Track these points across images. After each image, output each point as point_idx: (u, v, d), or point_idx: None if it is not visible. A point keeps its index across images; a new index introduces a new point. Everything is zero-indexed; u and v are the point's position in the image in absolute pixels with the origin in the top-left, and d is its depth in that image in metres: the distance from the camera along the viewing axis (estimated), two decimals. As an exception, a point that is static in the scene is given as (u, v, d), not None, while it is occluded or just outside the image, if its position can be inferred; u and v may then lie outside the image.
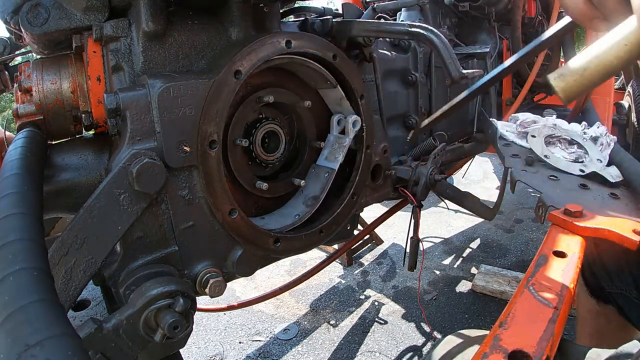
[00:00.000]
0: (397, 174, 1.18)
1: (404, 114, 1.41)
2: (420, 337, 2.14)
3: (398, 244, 3.06)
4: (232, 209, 0.83)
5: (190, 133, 0.77)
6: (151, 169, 0.70)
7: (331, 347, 2.12)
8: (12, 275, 0.43)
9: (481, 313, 2.28)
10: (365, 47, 1.10)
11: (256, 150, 0.97)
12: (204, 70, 0.84)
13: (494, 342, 0.81)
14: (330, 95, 1.05)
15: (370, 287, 2.61)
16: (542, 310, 0.92)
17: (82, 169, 0.83)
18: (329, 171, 1.04)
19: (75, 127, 0.87)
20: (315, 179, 1.06)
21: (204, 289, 0.81)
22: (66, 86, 0.83)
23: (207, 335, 2.26)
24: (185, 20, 0.84)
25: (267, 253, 0.92)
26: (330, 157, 1.06)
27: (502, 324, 0.87)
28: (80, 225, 0.68)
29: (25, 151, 0.68)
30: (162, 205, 0.77)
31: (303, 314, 2.39)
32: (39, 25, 0.77)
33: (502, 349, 0.79)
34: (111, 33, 0.78)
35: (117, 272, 0.75)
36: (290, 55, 0.91)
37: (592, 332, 1.36)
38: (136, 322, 0.66)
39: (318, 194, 1.02)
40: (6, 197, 0.55)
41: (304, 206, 1.02)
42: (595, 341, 1.31)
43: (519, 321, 0.87)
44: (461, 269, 2.72)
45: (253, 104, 0.95)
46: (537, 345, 0.80)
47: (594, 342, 1.30)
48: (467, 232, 3.14)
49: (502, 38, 1.95)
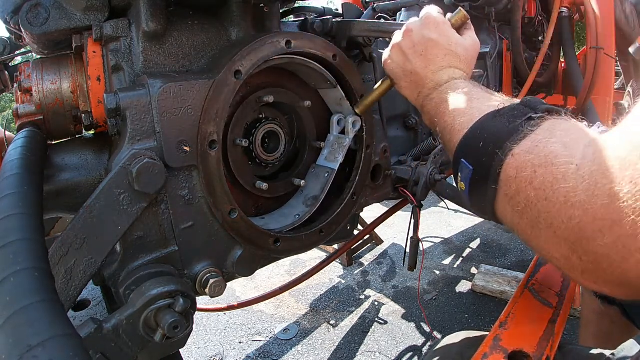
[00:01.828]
0: (397, 174, 1.18)
1: (404, 114, 1.41)
2: (420, 337, 2.14)
3: (398, 244, 3.06)
4: (232, 209, 0.83)
5: (190, 133, 0.77)
6: (151, 169, 0.70)
7: (331, 347, 2.12)
8: (13, 276, 0.43)
9: (481, 313, 2.28)
10: (365, 47, 1.10)
11: (256, 150, 0.97)
12: (204, 70, 0.84)
13: (494, 342, 0.81)
14: (330, 95, 1.05)
15: (370, 287, 2.61)
16: (542, 310, 0.92)
17: (82, 169, 0.83)
18: (329, 171, 1.04)
19: (75, 127, 0.87)
20: (315, 179, 1.06)
21: (204, 289, 0.81)
22: (66, 86, 0.83)
23: (207, 335, 2.26)
24: (185, 20, 0.84)
25: (267, 253, 0.92)
26: (330, 157, 1.06)
27: (502, 324, 0.87)
28: (80, 225, 0.68)
29: (25, 151, 0.68)
30: (162, 205, 0.77)
31: (303, 314, 2.39)
32: (39, 25, 0.77)
33: (502, 349, 0.79)
34: (111, 33, 0.78)
35: (117, 272, 0.75)
36: (290, 55, 0.91)
37: (597, 333, 1.37)
38: (136, 322, 0.66)
39: (318, 194, 1.02)
40: (6, 197, 0.55)
41: (304, 206, 1.02)
42: (599, 342, 1.31)
43: (519, 321, 0.88)
44: (461, 269, 2.72)
45: (253, 104, 0.95)
46: (537, 345, 0.80)
47: (598, 343, 1.30)
48: (467, 232, 3.14)
49: (502, 38, 1.95)
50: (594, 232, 0.40)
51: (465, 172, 0.58)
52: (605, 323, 1.33)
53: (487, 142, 0.56)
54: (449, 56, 0.78)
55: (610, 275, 0.41)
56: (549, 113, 0.55)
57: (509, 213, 0.53)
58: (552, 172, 0.46)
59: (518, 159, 0.51)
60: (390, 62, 0.85)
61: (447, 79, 0.75)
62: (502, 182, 0.53)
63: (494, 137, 0.55)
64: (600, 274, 0.41)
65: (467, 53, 0.80)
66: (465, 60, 0.79)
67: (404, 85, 0.84)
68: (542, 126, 0.52)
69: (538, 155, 0.48)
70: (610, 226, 0.39)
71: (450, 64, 0.78)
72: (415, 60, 0.80)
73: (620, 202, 0.38)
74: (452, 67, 0.77)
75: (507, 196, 0.52)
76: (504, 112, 0.58)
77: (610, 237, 0.39)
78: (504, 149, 0.53)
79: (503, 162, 0.52)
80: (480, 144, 0.57)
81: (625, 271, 0.39)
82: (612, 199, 0.38)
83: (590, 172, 0.42)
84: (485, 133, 0.57)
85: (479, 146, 0.57)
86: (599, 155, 0.42)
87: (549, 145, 0.48)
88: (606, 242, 0.39)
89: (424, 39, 0.79)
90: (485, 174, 0.54)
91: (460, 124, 0.63)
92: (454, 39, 0.80)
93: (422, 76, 0.79)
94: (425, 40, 0.79)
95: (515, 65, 1.96)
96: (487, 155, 0.55)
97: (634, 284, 0.40)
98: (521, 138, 0.52)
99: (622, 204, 0.38)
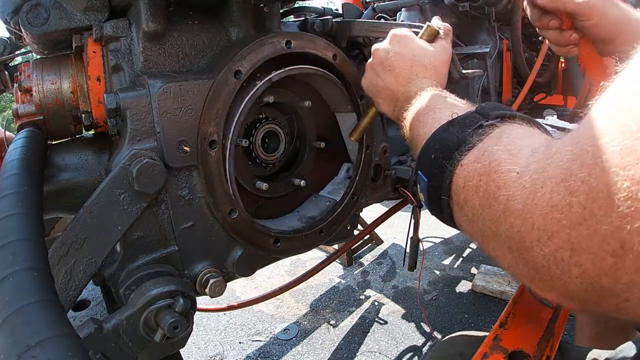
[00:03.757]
0: (397, 174, 1.18)
1: (404, 114, 1.41)
2: (420, 337, 2.14)
3: (398, 244, 3.06)
4: (232, 209, 0.83)
5: (190, 133, 0.77)
6: (151, 169, 0.70)
7: (331, 347, 2.12)
8: (12, 276, 0.43)
9: (481, 313, 2.28)
10: (365, 47, 1.10)
11: (256, 150, 0.97)
12: (204, 70, 0.84)
13: (494, 342, 0.81)
14: (347, 120, 1.06)
15: (370, 287, 2.61)
16: (542, 310, 0.92)
17: (82, 169, 0.83)
18: (330, 200, 1.05)
19: (75, 127, 0.87)
20: (314, 205, 1.06)
21: (204, 289, 0.81)
22: (66, 86, 0.83)
23: (207, 335, 2.26)
24: (185, 20, 0.84)
25: (267, 253, 0.92)
26: (332, 193, 1.08)
27: (502, 324, 0.87)
28: (80, 225, 0.68)
29: (25, 151, 0.68)
30: (162, 205, 0.77)
31: (303, 314, 2.39)
32: (39, 25, 0.77)
33: (502, 349, 0.79)
34: (111, 33, 0.78)
35: (117, 272, 0.75)
36: (316, 68, 0.93)
37: (592, 335, 1.36)
38: (136, 322, 0.66)
39: (315, 215, 1.03)
40: (6, 197, 0.55)
41: (299, 222, 1.02)
42: (595, 344, 1.31)
43: (519, 321, 0.88)
44: (461, 269, 2.72)
45: (253, 104, 0.95)
46: (537, 346, 0.80)
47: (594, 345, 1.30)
48: (467, 232, 3.14)
49: (502, 38, 1.95)
50: (532, 242, 0.39)
51: (422, 184, 0.59)
52: (600, 325, 1.33)
53: (437, 154, 0.56)
54: (415, 66, 0.80)
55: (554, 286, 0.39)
56: (502, 119, 0.54)
57: (463, 222, 0.53)
58: (494, 179, 0.46)
59: (466, 168, 0.51)
60: (365, 81, 0.89)
61: (415, 90, 0.76)
62: (453, 193, 0.53)
63: (444, 149, 0.56)
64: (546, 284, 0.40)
65: (434, 60, 0.81)
66: (432, 68, 0.80)
67: (380, 102, 0.86)
68: (491, 134, 0.52)
69: (482, 164, 0.49)
70: (549, 237, 0.37)
71: (417, 73, 0.79)
72: (385, 76, 0.82)
73: (558, 213, 0.37)
74: (420, 77, 0.79)
75: (458, 205, 0.53)
76: (456, 122, 0.58)
77: (548, 248, 0.38)
78: (452, 159, 0.53)
79: (452, 174, 0.53)
80: (432, 155, 0.57)
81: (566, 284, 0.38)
82: (551, 209, 0.37)
83: (531, 180, 0.41)
84: (437, 144, 0.58)
85: (431, 158, 0.57)
86: (542, 164, 0.40)
87: (493, 153, 0.48)
88: (545, 252, 0.38)
89: (389, 54, 0.82)
90: (438, 185, 0.55)
91: (422, 135, 0.64)
92: (417, 50, 0.82)
93: (393, 90, 0.81)
94: (391, 55, 0.82)
95: (515, 65, 1.96)
96: (437, 167, 0.55)
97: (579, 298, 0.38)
98: (469, 148, 0.52)
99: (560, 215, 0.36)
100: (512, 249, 0.43)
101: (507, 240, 0.43)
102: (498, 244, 0.45)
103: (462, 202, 0.51)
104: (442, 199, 0.55)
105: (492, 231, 0.46)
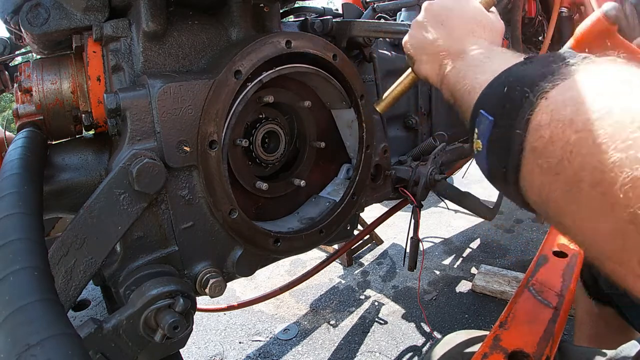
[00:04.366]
0: (397, 174, 1.18)
1: (404, 114, 1.41)
2: (420, 337, 2.14)
3: (398, 244, 3.06)
4: (232, 209, 0.83)
5: (190, 133, 0.77)
6: (151, 169, 0.70)
7: (331, 347, 2.12)
8: (12, 275, 0.43)
9: (481, 313, 2.28)
10: (365, 47, 1.10)
11: (256, 150, 0.97)
12: (204, 70, 0.84)
13: (494, 342, 0.81)
14: (343, 116, 1.06)
15: (370, 287, 2.61)
16: (542, 310, 0.92)
17: (82, 169, 0.83)
18: (330, 201, 1.05)
19: (75, 127, 0.87)
20: (313, 206, 1.06)
21: (204, 289, 0.81)
22: (66, 86, 0.83)
23: (207, 335, 2.26)
24: (185, 20, 0.84)
25: (267, 253, 0.92)
26: (332, 193, 1.08)
27: (502, 324, 0.87)
28: (80, 225, 0.68)
29: (25, 151, 0.68)
30: (162, 205, 0.77)
31: (303, 314, 2.39)
32: (39, 25, 0.77)
33: (502, 349, 0.79)
34: (111, 33, 0.78)
35: (117, 272, 0.75)
36: (311, 67, 0.93)
37: (591, 334, 1.36)
38: (136, 322, 0.66)
39: (315, 216, 1.03)
40: (6, 197, 0.55)
41: (299, 223, 1.02)
42: (593, 343, 1.31)
43: (519, 321, 0.88)
44: (461, 269, 2.72)
45: (253, 104, 0.95)
46: (537, 346, 0.80)
47: (593, 345, 1.30)
48: (467, 232, 3.14)
49: (502, 38, 1.95)
50: None
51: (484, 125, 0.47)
52: (599, 324, 1.32)
53: (513, 86, 0.45)
54: (472, 24, 0.71)
55: None
56: None
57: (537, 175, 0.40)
58: None
59: (553, 101, 0.39)
60: (410, 38, 0.79)
61: (470, 47, 0.67)
62: (531, 131, 0.41)
63: (523, 80, 0.44)
64: None
65: (492, 24, 0.73)
66: (490, 30, 0.72)
67: (424, 60, 0.75)
68: (587, 68, 0.41)
69: (582, 91, 0.37)
70: None
71: (474, 32, 0.70)
72: (437, 30, 0.73)
73: None
74: (477, 36, 0.70)
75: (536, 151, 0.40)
76: (535, 60, 0.48)
77: None
78: (536, 90, 0.41)
79: (534, 105, 0.40)
80: (504, 89, 0.46)
81: None
82: None
83: None
84: (512, 77, 0.47)
85: (502, 92, 0.46)
86: None
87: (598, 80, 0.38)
88: None
89: (444, 9, 0.74)
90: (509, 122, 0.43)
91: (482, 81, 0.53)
92: (477, 9, 0.73)
93: (444, 46, 0.71)
94: (446, 10, 0.74)
95: (516, 65, 1.96)
96: (512, 99, 0.44)
97: None
98: (560, 78, 0.40)
99: None
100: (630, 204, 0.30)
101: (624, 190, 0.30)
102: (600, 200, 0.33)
103: (544, 144, 0.39)
104: (515, 134, 0.42)
105: (593, 180, 0.33)
